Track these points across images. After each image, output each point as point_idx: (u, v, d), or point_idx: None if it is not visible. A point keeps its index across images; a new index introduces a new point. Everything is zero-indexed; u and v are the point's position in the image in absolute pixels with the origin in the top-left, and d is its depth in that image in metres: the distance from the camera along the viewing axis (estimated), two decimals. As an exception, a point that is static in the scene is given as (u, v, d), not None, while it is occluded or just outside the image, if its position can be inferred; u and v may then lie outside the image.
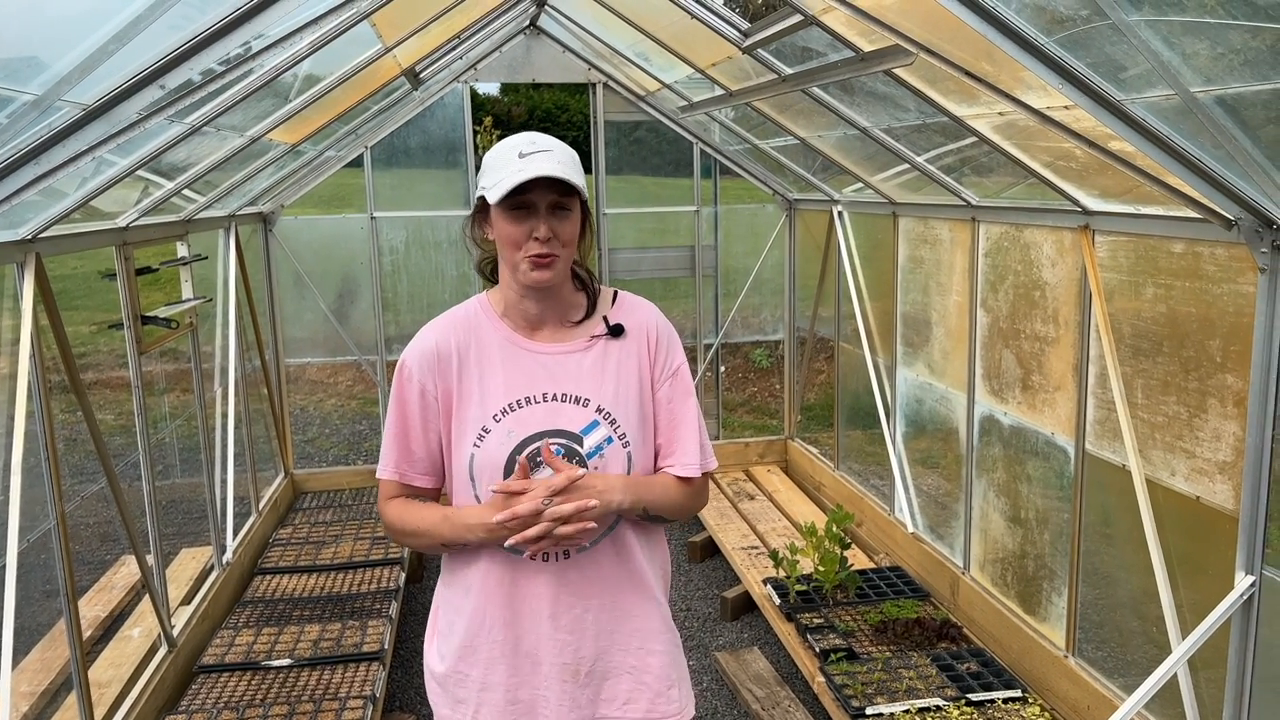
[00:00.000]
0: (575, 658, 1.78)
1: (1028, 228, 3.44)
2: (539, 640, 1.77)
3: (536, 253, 1.67)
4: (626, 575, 1.82)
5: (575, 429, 1.75)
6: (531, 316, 1.78)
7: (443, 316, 1.81)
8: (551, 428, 1.73)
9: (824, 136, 4.25)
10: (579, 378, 1.78)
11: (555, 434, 1.73)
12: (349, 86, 3.65)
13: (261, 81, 2.57)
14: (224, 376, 4.60)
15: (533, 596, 1.76)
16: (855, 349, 5.07)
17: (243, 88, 2.56)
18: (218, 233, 4.64)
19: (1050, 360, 3.36)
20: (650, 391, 1.83)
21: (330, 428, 8.46)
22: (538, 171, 1.61)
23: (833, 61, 3.09)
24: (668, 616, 1.90)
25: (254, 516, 4.89)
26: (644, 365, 1.83)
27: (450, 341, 1.75)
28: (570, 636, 1.78)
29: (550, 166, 1.62)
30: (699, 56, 4.15)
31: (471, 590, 1.77)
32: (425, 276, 5.65)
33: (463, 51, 4.98)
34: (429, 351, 1.74)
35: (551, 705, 1.79)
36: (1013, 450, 3.65)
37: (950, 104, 2.92)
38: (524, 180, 1.60)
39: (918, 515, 4.50)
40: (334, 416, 8.74)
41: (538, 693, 1.79)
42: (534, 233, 1.66)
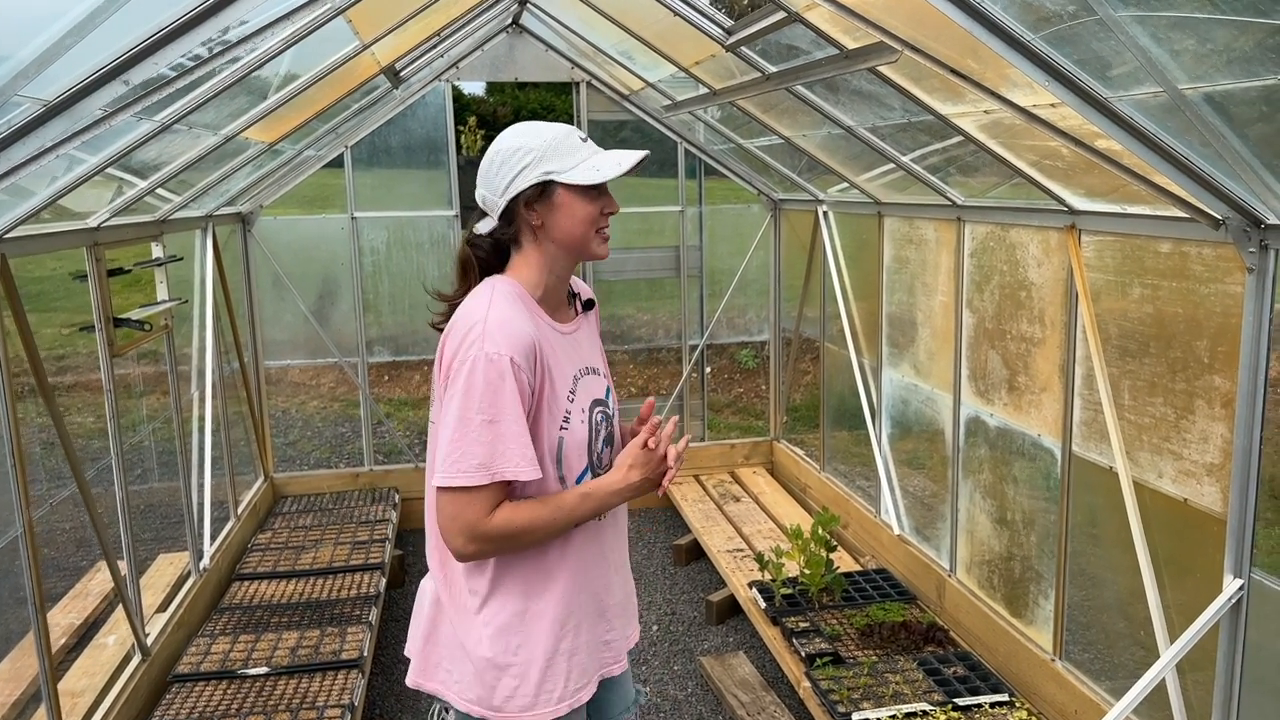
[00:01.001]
0: (624, 592, 2.02)
1: (1013, 227, 3.41)
2: (609, 586, 1.96)
3: (606, 227, 1.84)
4: (620, 519, 2.04)
5: (602, 395, 1.92)
6: (558, 298, 1.90)
7: (505, 302, 1.76)
8: (593, 399, 1.88)
9: (809, 136, 4.21)
10: (589, 351, 1.95)
11: (597, 404, 1.89)
12: (326, 84, 3.59)
13: (234, 78, 2.51)
14: (201, 380, 4.52)
15: (605, 550, 1.94)
16: (841, 350, 5.04)
17: (214, 84, 2.50)
18: (194, 233, 4.57)
19: (1036, 361, 3.33)
20: None
21: (312, 430, 8.39)
22: (633, 161, 1.79)
23: (817, 59, 3.05)
24: None
25: (232, 521, 4.82)
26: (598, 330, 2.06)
27: (531, 330, 1.76)
28: (619, 576, 2.00)
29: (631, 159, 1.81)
30: (682, 55, 4.11)
31: (558, 567, 1.84)
32: (407, 278, 5.58)
33: (444, 49, 4.92)
34: (527, 343, 1.72)
35: (619, 636, 2.00)
36: (999, 452, 3.63)
37: (935, 102, 2.89)
38: (631, 166, 1.78)
39: (904, 517, 4.47)
40: (316, 419, 8.66)
41: (613, 630, 1.98)
42: (605, 209, 1.83)
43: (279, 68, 3.30)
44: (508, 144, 1.78)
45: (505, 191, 1.78)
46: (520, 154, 1.76)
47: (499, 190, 1.79)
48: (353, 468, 5.75)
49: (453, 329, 1.76)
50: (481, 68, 5.45)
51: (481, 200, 1.85)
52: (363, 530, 4.90)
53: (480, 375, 1.67)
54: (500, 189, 1.79)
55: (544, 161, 1.76)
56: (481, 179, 1.83)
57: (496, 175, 1.79)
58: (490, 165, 1.80)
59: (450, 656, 1.88)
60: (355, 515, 5.16)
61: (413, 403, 9.25)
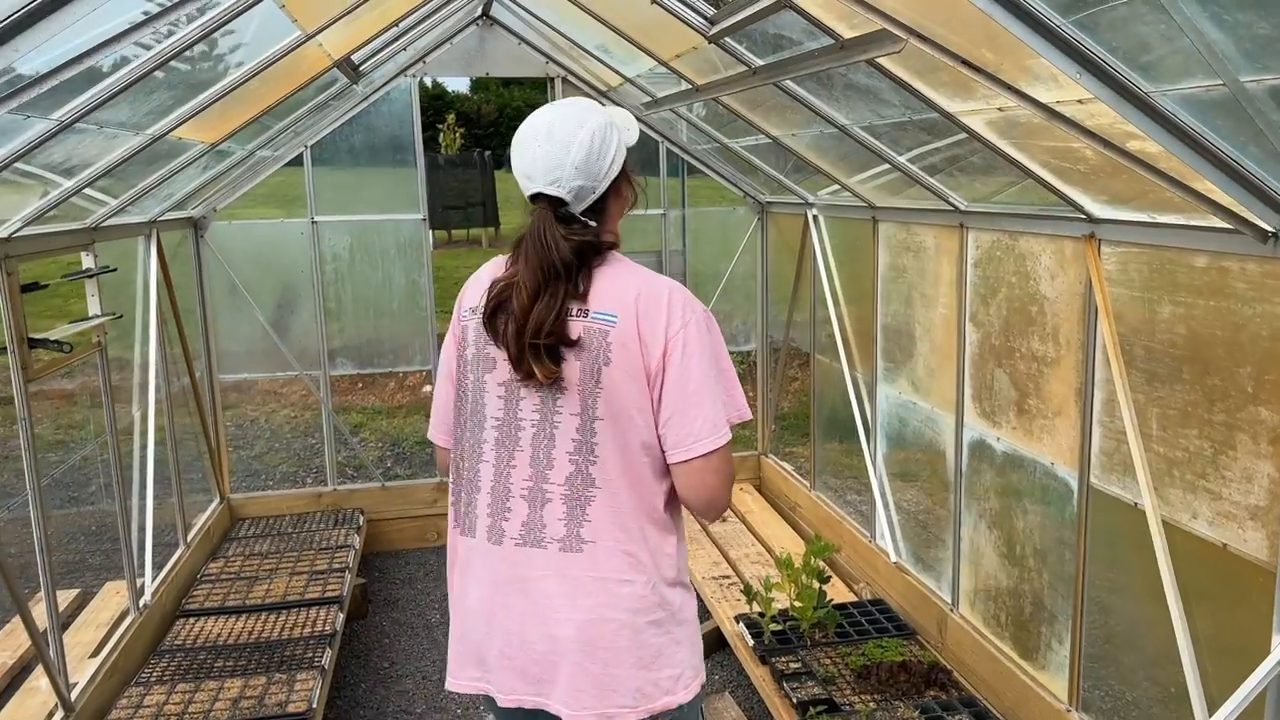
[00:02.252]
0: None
1: (1024, 236, 3.12)
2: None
3: None
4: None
5: None
6: None
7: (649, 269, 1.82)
8: None
9: (799, 135, 3.91)
10: None
11: None
12: (270, 79, 3.26)
13: (140, 71, 2.19)
14: (144, 398, 4.18)
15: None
16: (832, 362, 4.74)
17: (118, 80, 2.18)
18: (136, 241, 4.23)
19: (1050, 382, 3.03)
20: None
21: (281, 442, 8.04)
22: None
23: (809, 51, 2.75)
24: None
25: (181, 549, 4.48)
26: None
27: None
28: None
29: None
30: (662, 47, 3.80)
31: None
32: (372, 285, 5.25)
33: (407, 42, 4.59)
34: None
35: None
36: (1007, 479, 3.33)
37: (941, 98, 2.59)
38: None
39: (901, 543, 4.17)
40: (285, 429, 8.31)
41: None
42: None
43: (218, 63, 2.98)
44: (595, 122, 1.73)
45: (608, 172, 1.74)
46: (609, 129, 1.74)
47: (603, 172, 1.74)
48: (315, 487, 5.42)
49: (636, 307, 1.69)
50: (451, 62, 5.12)
51: (577, 192, 1.73)
52: (322, 558, 4.57)
53: (706, 334, 1.71)
54: (604, 170, 1.74)
55: (623, 131, 1.78)
56: (579, 169, 1.71)
57: (600, 157, 1.73)
58: (590, 148, 1.71)
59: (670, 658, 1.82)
60: (316, 540, 4.83)
61: (387, 411, 8.91)
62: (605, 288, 1.71)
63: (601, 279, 1.72)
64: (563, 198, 1.72)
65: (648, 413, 1.71)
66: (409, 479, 6.22)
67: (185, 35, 2.22)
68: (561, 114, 1.73)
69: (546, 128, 1.72)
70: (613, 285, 1.71)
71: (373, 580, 5.03)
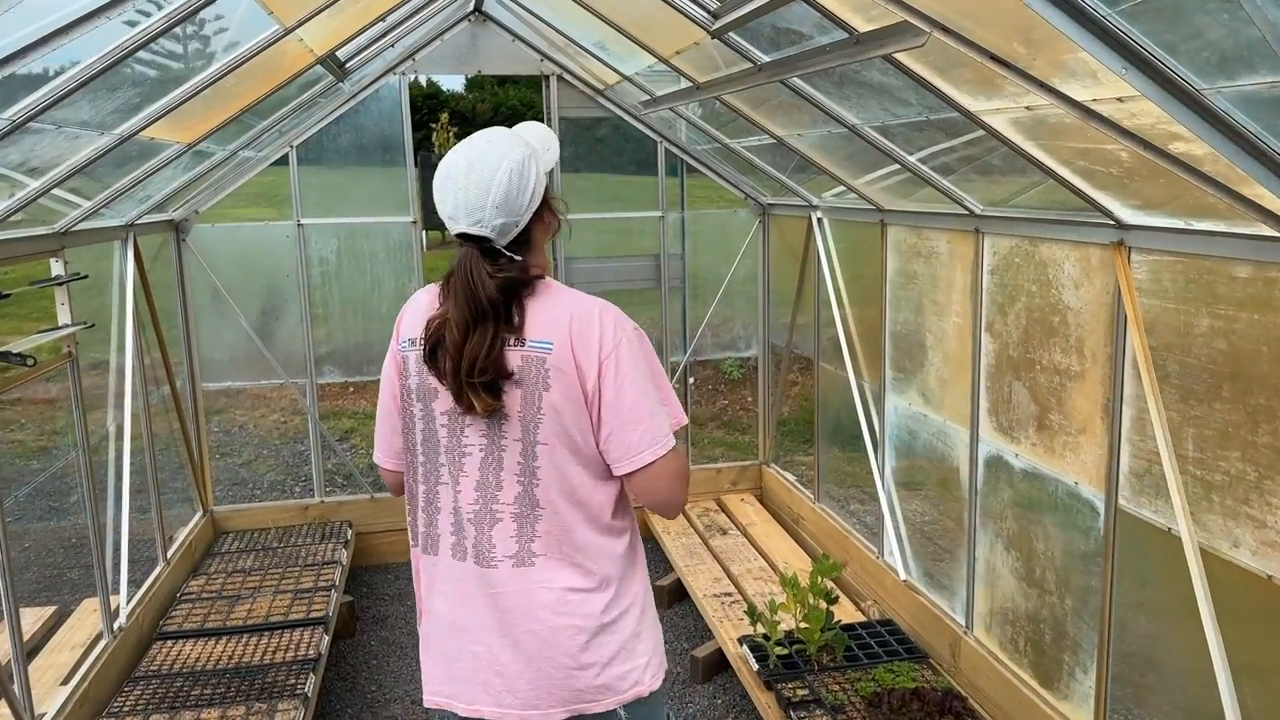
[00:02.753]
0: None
1: (1045, 242, 2.95)
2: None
3: None
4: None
5: None
6: None
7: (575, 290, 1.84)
8: None
9: (804, 135, 3.74)
10: None
11: None
12: (248, 76, 3.09)
13: (98, 67, 2.01)
14: (119, 410, 4.00)
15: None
16: (838, 370, 4.57)
17: (72, 76, 2.00)
18: (112, 245, 4.05)
19: (1073, 397, 2.87)
20: None
21: (269, 449, 7.85)
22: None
23: (820, 46, 2.58)
24: None
25: (161, 566, 4.30)
26: None
27: None
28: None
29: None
30: (661, 43, 3.63)
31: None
32: (360, 290, 5.07)
33: (396, 38, 4.42)
34: None
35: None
36: (1026, 497, 3.17)
37: (963, 97, 2.42)
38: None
39: (910, 560, 4.00)
40: (274, 436, 8.12)
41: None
42: None
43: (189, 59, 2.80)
44: (513, 159, 1.71)
45: (530, 205, 1.74)
46: (527, 161, 1.73)
47: (524, 207, 1.74)
48: (302, 499, 5.24)
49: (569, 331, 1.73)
50: (442, 59, 4.94)
51: (500, 229, 1.73)
52: (308, 574, 4.39)
53: (639, 347, 1.78)
54: (525, 205, 1.73)
55: (539, 158, 1.77)
56: (500, 208, 1.71)
57: (520, 194, 1.72)
58: (509, 185, 1.70)
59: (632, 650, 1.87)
60: (302, 556, 4.65)
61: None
62: (539, 316, 1.75)
63: (534, 308, 1.75)
64: (487, 236, 1.72)
65: (588, 432, 1.76)
66: (400, 489, 6.07)
67: (148, 27, 2.05)
68: (479, 152, 1.72)
69: (465, 168, 1.71)
70: (546, 313, 1.75)
71: (361, 596, 4.85)
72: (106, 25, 1.79)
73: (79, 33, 1.66)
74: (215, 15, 2.50)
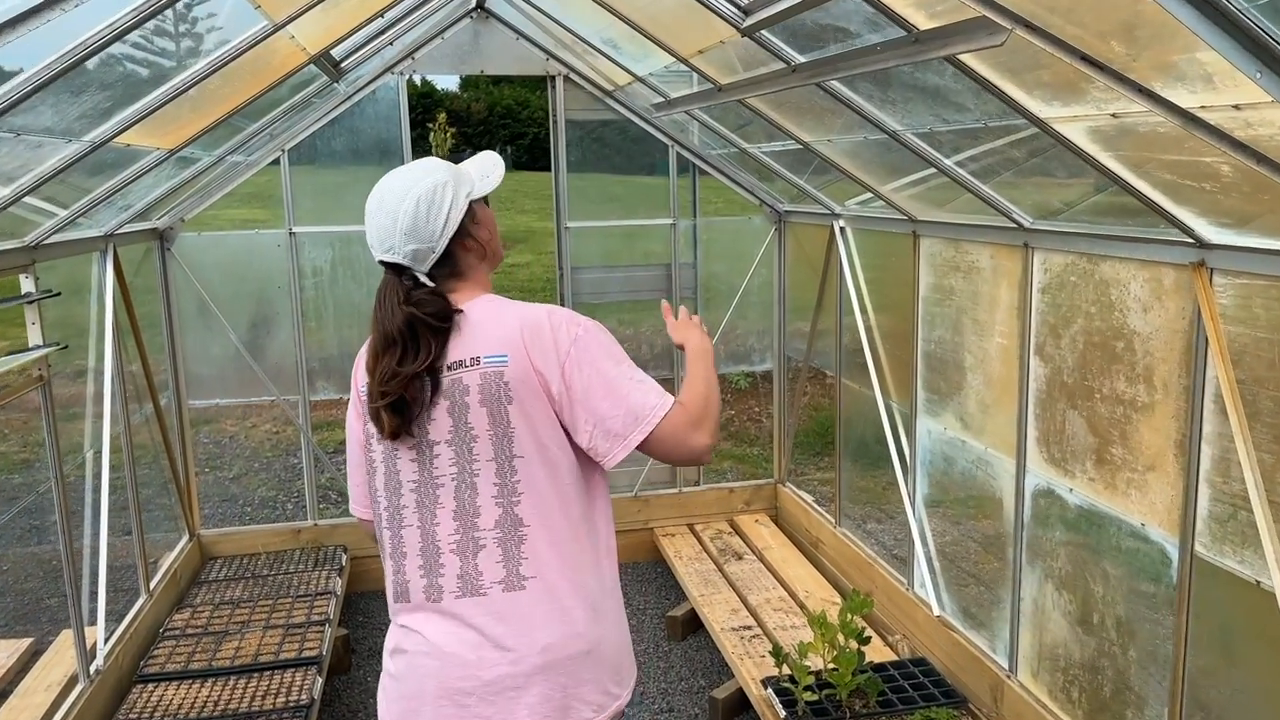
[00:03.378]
0: None
1: (1107, 260, 2.70)
2: None
3: None
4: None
5: None
6: None
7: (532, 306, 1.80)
8: None
9: (835, 141, 3.48)
10: None
11: None
12: (234, 76, 2.82)
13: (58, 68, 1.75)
14: (98, 434, 3.73)
15: None
16: (862, 388, 4.32)
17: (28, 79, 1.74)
18: (90, 257, 3.78)
19: (1140, 431, 2.62)
20: None
21: (260, 462, 7.57)
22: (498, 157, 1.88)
23: (870, 45, 2.32)
24: None
25: (143, 598, 4.03)
26: None
27: None
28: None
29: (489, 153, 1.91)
30: (681, 42, 3.38)
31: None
32: (356, 302, 4.81)
33: (394, 36, 4.15)
34: None
35: None
36: (1082, 536, 2.92)
37: (1035, 103, 2.16)
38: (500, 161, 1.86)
39: (944, 594, 3.75)
40: (265, 448, 7.84)
41: None
42: None
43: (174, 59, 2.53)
44: (424, 185, 1.72)
45: (444, 231, 1.73)
46: (440, 189, 1.73)
47: (437, 234, 1.73)
48: (294, 522, 4.97)
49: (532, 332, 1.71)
50: (442, 59, 4.68)
51: (413, 256, 1.73)
52: (300, 606, 4.13)
53: (596, 337, 1.73)
54: (438, 232, 1.73)
55: (460, 187, 1.77)
56: (408, 235, 1.71)
57: (429, 221, 1.72)
58: (417, 212, 1.71)
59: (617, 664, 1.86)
60: (293, 584, 4.38)
61: (374, 426, 8.45)
62: (488, 331, 1.73)
63: (483, 324, 1.74)
64: (400, 263, 1.74)
65: (563, 437, 1.74)
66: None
67: (113, 24, 1.79)
68: (390, 186, 1.74)
69: (377, 200, 1.74)
70: (496, 326, 1.73)
71: (356, 627, 4.59)
72: (63, 20, 1.53)
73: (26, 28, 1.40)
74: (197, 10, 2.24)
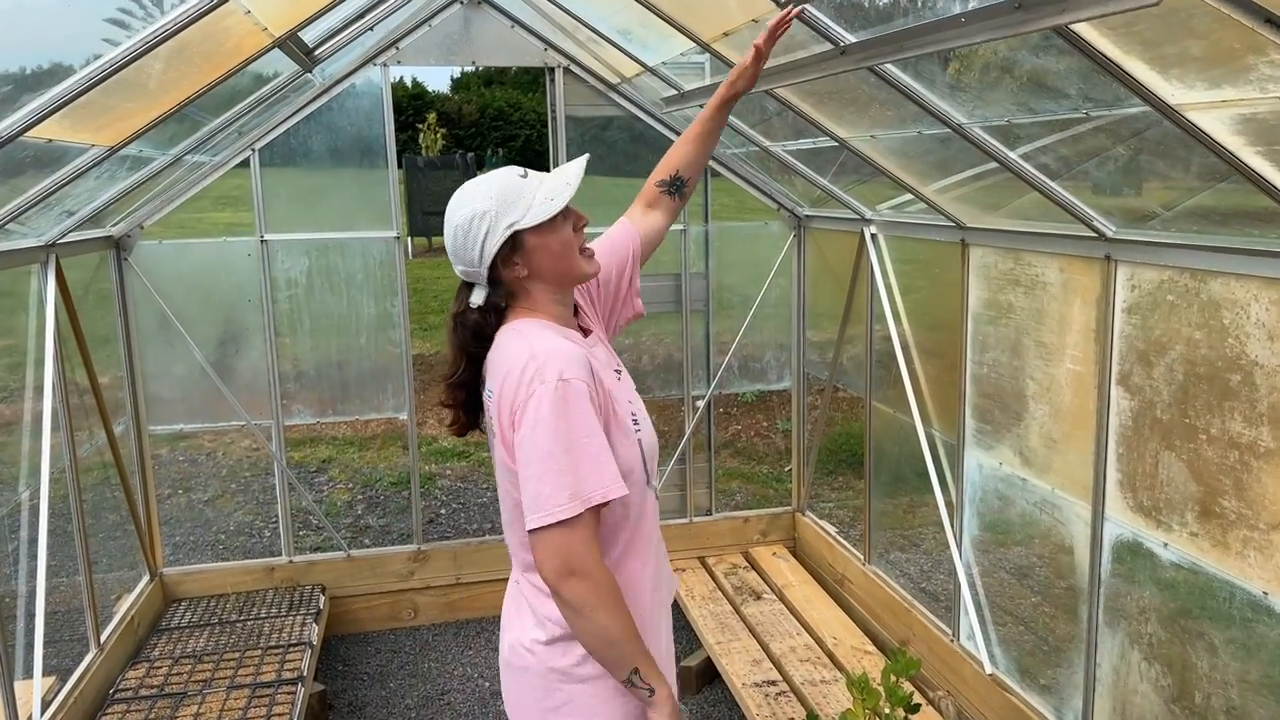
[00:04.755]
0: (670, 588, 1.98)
1: (1217, 276, 2.27)
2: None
3: (586, 243, 1.84)
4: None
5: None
6: (569, 322, 1.85)
7: (540, 331, 1.74)
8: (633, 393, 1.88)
9: (879, 138, 3.05)
10: (610, 357, 1.93)
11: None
12: (181, 60, 2.38)
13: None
14: (35, 474, 3.27)
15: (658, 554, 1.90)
16: (897, 413, 3.89)
17: None
18: (28, 270, 3.33)
19: (1262, 481, 2.19)
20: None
21: (238, 482, 7.10)
22: (579, 172, 1.79)
23: (951, 16, 1.88)
24: None
25: (92, 653, 3.57)
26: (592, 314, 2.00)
27: (580, 348, 1.73)
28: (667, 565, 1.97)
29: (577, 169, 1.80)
30: (702, 24, 2.94)
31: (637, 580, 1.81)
32: (335, 317, 4.36)
33: (375, 20, 3.71)
34: (581, 359, 1.68)
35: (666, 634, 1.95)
36: (1180, 600, 2.49)
37: (1171, 86, 1.73)
38: (579, 177, 1.78)
39: (997, 649, 3.32)
40: (243, 466, 7.37)
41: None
42: (577, 226, 1.81)
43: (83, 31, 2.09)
44: (461, 215, 1.74)
45: (482, 260, 1.75)
46: (476, 220, 1.72)
47: (476, 261, 1.75)
48: (268, 559, 4.51)
49: (500, 380, 1.69)
50: (429, 48, 4.24)
51: (465, 274, 1.81)
52: (270, 660, 3.68)
53: (547, 407, 1.61)
54: (477, 259, 1.75)
55: (501, 217, 1.73)
56: (454, 257, 1.78)
57: (466, 249, 1.75)
58: (455, 241, 1.75)
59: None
60: (265, 632, 3.93)
61: (360, 442, 8.01)
62: (496, 361, 1.75)
63: (495, 352, 1.77)
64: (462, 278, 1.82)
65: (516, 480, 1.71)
66: (379, 545, 5.38)
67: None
68: (450, 204, 1.77)
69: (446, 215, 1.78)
70: (501, 360, 1.73)
71: (335, 677, 4.13)
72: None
73: None
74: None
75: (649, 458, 1.81)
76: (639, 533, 1.80)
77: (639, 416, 1.81)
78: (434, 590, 4.60)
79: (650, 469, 1.82)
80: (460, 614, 4.64)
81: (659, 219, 2.13)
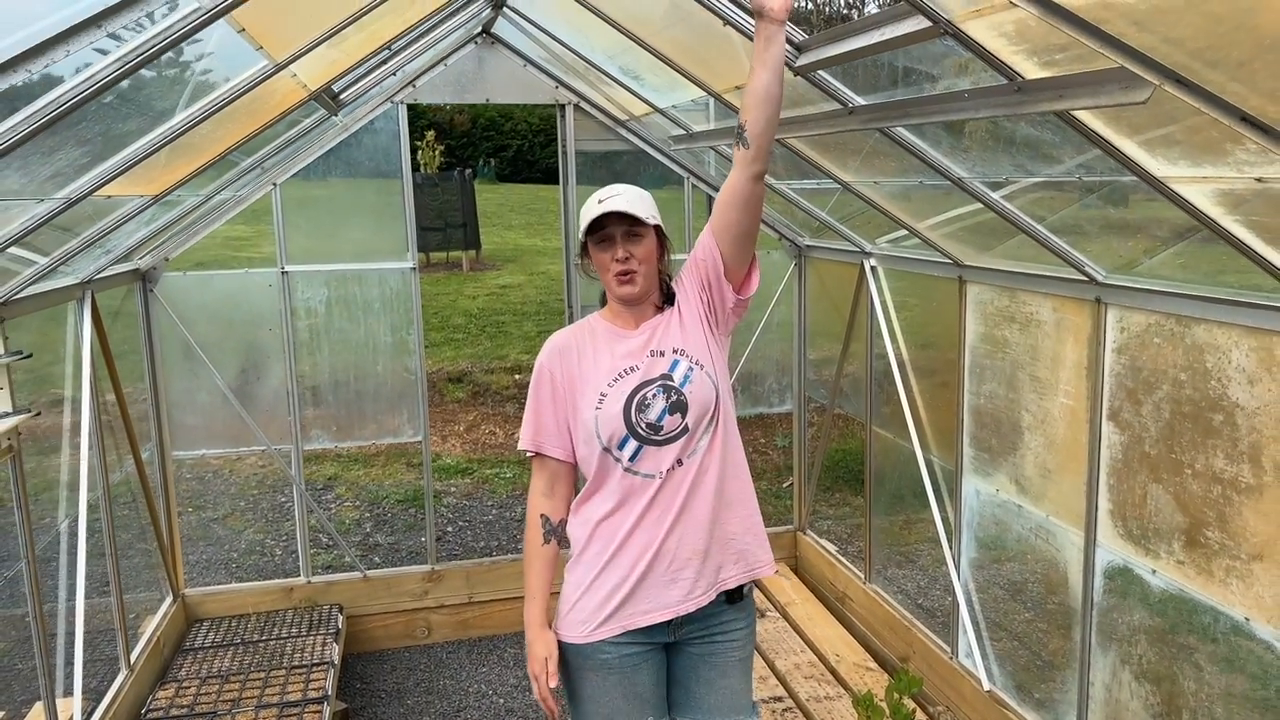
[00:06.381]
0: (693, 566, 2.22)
1: (1200, 323, 2.44)
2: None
3: (618, 271, 2.14)
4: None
5: (666, 370, 2.15)
6: (627, 316, 2.23)
7: (586, 321, 2.28)
8: (651, 377, 2.14)
9: (882, 184, 3.22)
10: (663, 338, 2.19)
11: (655, 380, 2.14)
12: (229, 119, 2.53)
13: (23, 131, 1.45)
14: (73, 505, 3.40)
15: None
16: (897, 439, 4.05)
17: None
18: (65, 308, 3.46)
19: (1243, 515, 2.36)
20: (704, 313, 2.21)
21: (247, 500, 7.22)
22: (609, 208, 2.11)
23: (956, 91, 2.05)
24: None
25: (124, 674, 3.70)
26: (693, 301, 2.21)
27: (571, 340, 2.23)
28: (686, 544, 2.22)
29: (619, 204, 2.10)
30: (715, 76, 3.11)
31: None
32: (353, 345, 4.50)
33: (396, 65, 3.86)
34: (556, 347, 2.23)
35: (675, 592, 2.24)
36: (1168, 624, 2.65)
37: (1157, 163, 1.90)
38: (597, 216, 2.11)
39: (994, 665, 3.48)
40: (251, 484, 7.50)
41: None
42: (614, 256, 2.14)
43: (160, 102, 2.24)
44: None
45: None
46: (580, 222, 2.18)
47: None
48: (286, 579, 4.65)
49: None
50: (443, 86, 4.40)
51: None
52: (295, 679, 3.81)
53: (533, 378, 2.25)
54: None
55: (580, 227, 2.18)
56: None
57: None
58: None
59: None
60: (287, 652, 4.06)
61: (365, 459, 8.12)
62: None
63: None
64: None
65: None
66: (389, 563, 5.50)
67: (100, 71, 1.50)
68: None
69: None
70: None
71: (354, 695, 4.27)
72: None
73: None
74: (189, 53, 1.95)
75: (602, 431, 2.12)
76: (603, 488, 2.16)
77: (609, 397, 2.12)
78: (447, 609, 4.74)
79: (606, 440, 2.11)
80: (473, 631, 4.77)
81: (730, 177, 2.08)
